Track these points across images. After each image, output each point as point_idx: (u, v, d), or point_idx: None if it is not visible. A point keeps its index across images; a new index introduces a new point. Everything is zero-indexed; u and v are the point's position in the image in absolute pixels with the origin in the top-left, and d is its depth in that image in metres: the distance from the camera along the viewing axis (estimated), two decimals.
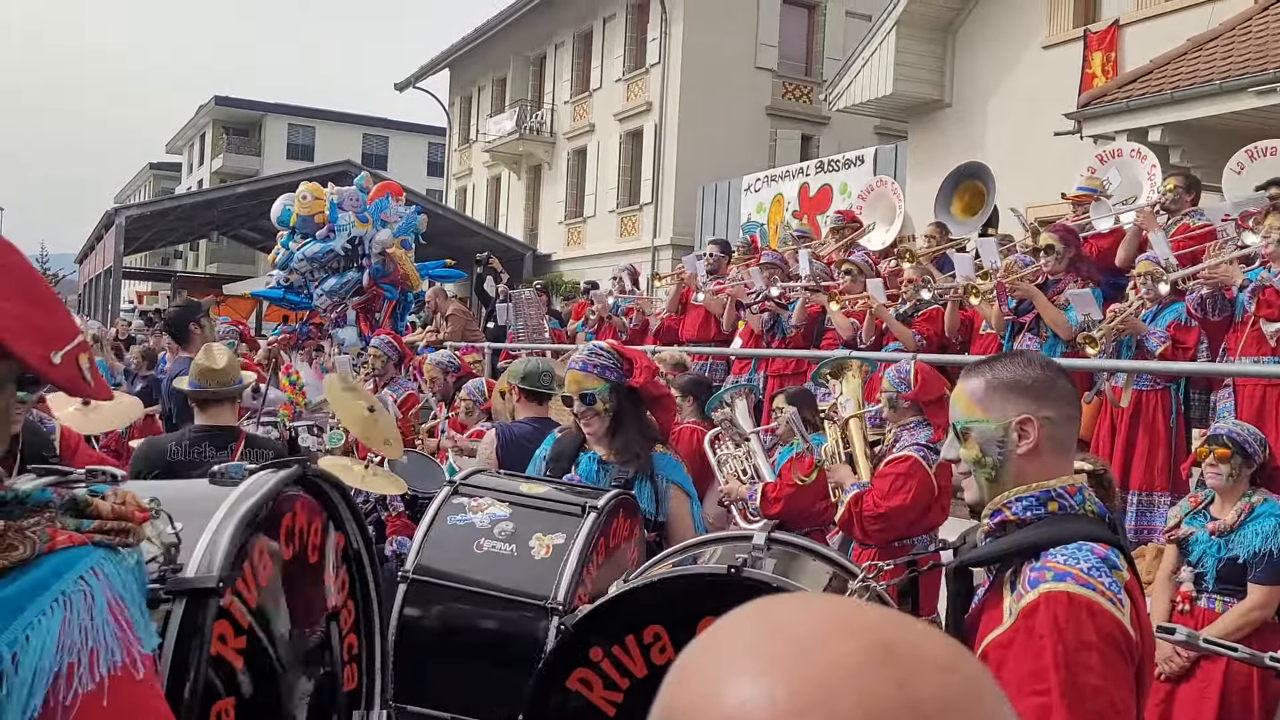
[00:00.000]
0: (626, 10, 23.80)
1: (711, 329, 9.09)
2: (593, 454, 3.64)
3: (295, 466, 2.23)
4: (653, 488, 3.54)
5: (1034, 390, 1.89)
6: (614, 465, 3.57)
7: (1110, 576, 1.72)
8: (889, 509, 4.36)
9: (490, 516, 3.10)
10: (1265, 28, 9.78)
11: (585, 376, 3.58)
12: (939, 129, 14.49)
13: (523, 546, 3.02)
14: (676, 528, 3.58)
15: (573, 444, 3.70)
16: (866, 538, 4.48)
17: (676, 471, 3.65)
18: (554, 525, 3.06)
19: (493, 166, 29.75)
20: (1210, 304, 5.35)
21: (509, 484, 3.33)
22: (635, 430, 3.60)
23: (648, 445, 3.60)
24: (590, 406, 3.55)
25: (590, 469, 3.60)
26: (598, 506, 3.08)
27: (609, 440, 3.60)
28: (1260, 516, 3.93)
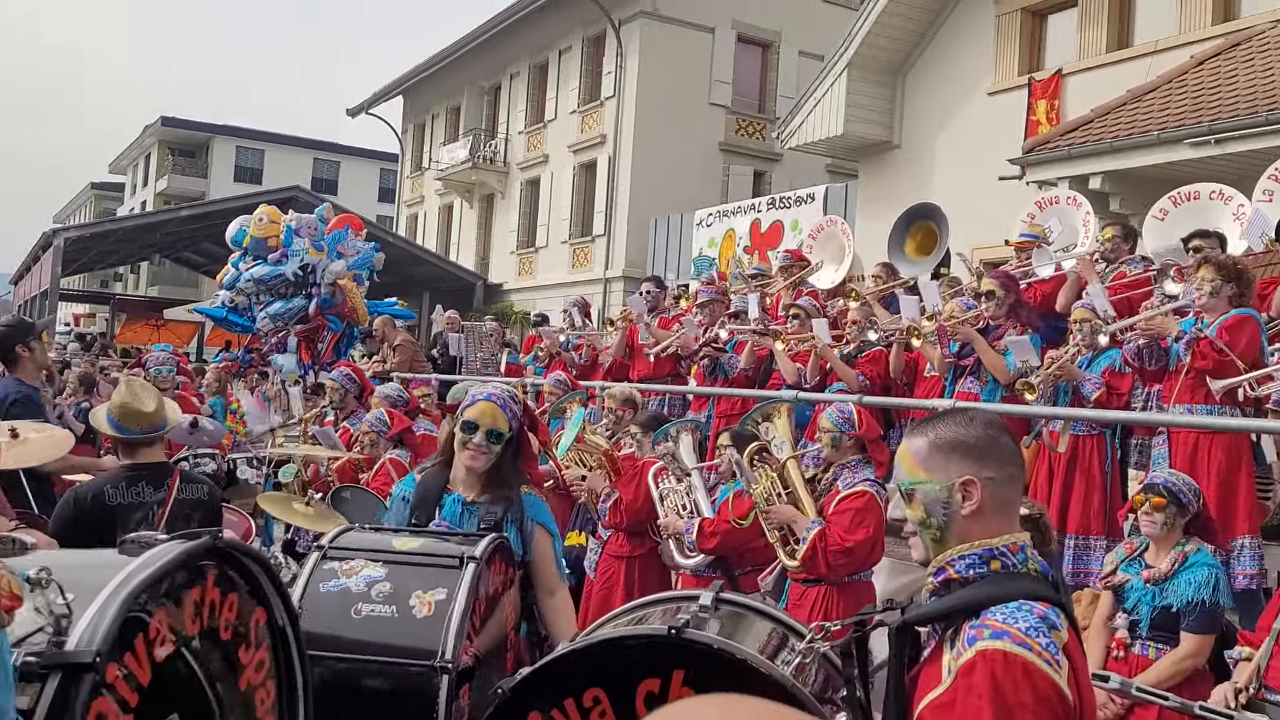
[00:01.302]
0: (582, 43, 23.95)
1: (665, 366, 9.09)
2: (457, 495, 3.54)
3: (206, 537, 2.15)
4: (519, 528, 3.50)
5: (976, 450, 1.91)
6: (480, 506, 3.50)
7: (1048, 637, 1.73)
8: (855, 543, 4.50)
9: (366, 579, 2.99)
10: (1200, 82, 10.10)
11: (502, 415, 3.52)
12: (888, 169, 14.73)
13: (403, 606, 2.92)
14: (541, 567, 3.56)
15: (436, 485, 3.58)
16: (831, 573, 4.56)
17: (541, 512, 3.61)
18: (433, 580, 2.97)
19: (445, 194, 29.66)
20: (1146, 354, 5.47)
21: (381, 541, 3.22)
22: (512, 472, 3.57)
23: (519, 487, 3.57)
24: (493, 445, 3.49)
25: (455, 511, 3.51)
26: (476, 556, 3.01)
27: (480, 479, 3.53)
28: (1193, 566, 4.01)
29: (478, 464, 3.49)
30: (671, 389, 8.62)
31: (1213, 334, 5.13)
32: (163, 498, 4.05)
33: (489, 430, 3.48)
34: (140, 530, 4.11)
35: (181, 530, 4.16)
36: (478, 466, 3.49)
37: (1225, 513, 4.98)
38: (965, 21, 13.73)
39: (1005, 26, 13.24)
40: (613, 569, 5.78)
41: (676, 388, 8.62)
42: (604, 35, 22.98)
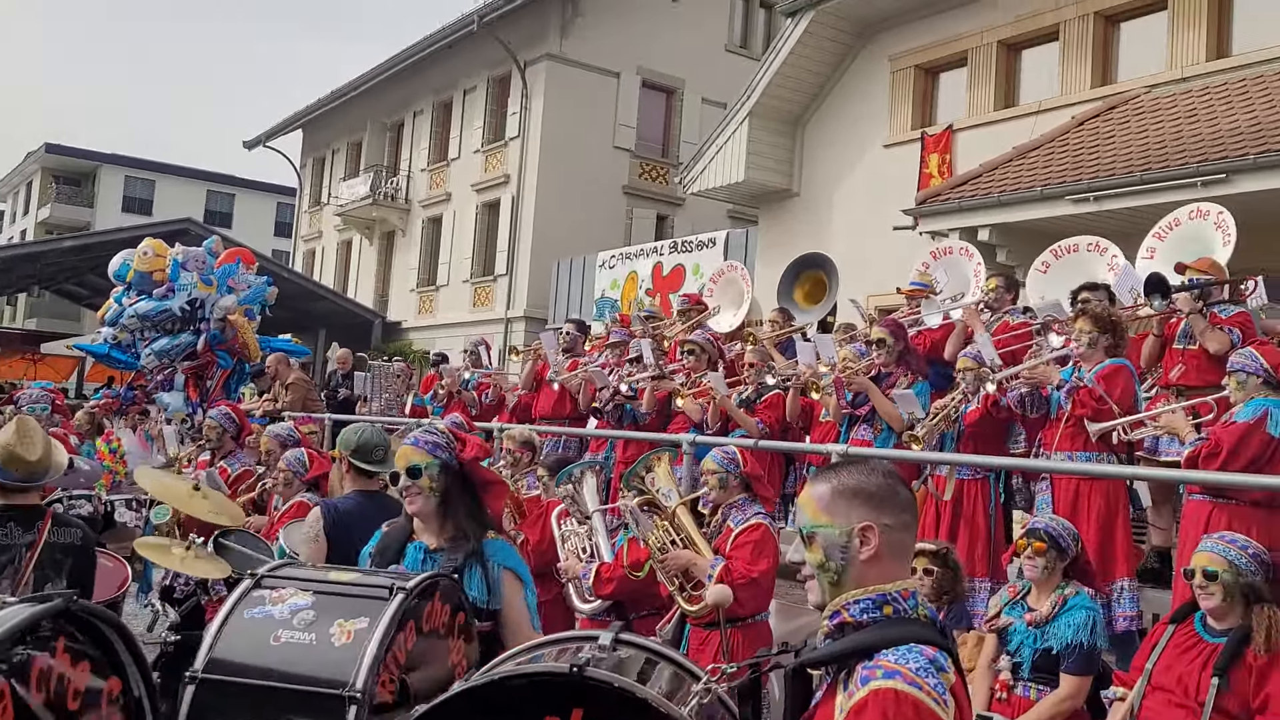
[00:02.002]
0: (488, 83, 23.98)
1: (566, 406, 9.05)
2: (420, 544, 3.48)
3: (58, 600, 2.03)
4: (484, 574, 3.40)
5: (876, 498, 1.98)
6: (443, 554, 3.42)
7: (937, 678, 1.79)
8: (760, 573, 4.56)
9: (291, 606, 2.93)
10: (1081, 141, 10.60)
11: (414, 451, 3.46)
12: (787, 217, 15.04)
13: (322, 634, 2.85)
14: (511, 616, 3.46)
15: (400, 535, 3.54)
16: (739, 606, 4.57)
17: (511, 557, 3.52)
18: (357, 610, 2.90)
19: (344, 230, 29.21)
20: (1029, 401, 5.67)
21: (317, 574, 3.16)
22: (465, 513, 3.48)
23: (479, 530, 3.47)
24: (415, 480, 3.41)
25: (417, 559, 3.44)
26: (405, 588, 2.94)
27: (437, 523, 3.46)
28: (1072, 609, 4.13)
29: (417, 505, 3.44)
30: (571, 431, 8.60)
31: (1090, 382, 5.34)
32: (32, 540, 3.85)
33: (407, 469, 3.43)
34: (4, 574, 3.90)
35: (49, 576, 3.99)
36: (419, 508, 3.44)
37: (1105, 556, 5.16)
38: (862, 76, 14.19)
39: (899, 82, 13.72)
40: None
41: (576, 430, 8.60)
42: (509, 76, 23.06)
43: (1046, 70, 12.28)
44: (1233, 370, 4.97)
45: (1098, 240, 7.75)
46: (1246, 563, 3.81)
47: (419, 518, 3.48)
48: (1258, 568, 3.82)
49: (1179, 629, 3.95)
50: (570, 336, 9.39)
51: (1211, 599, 3.81)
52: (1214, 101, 9.87)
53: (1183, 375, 5.83)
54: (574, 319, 10.76)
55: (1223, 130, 9.05)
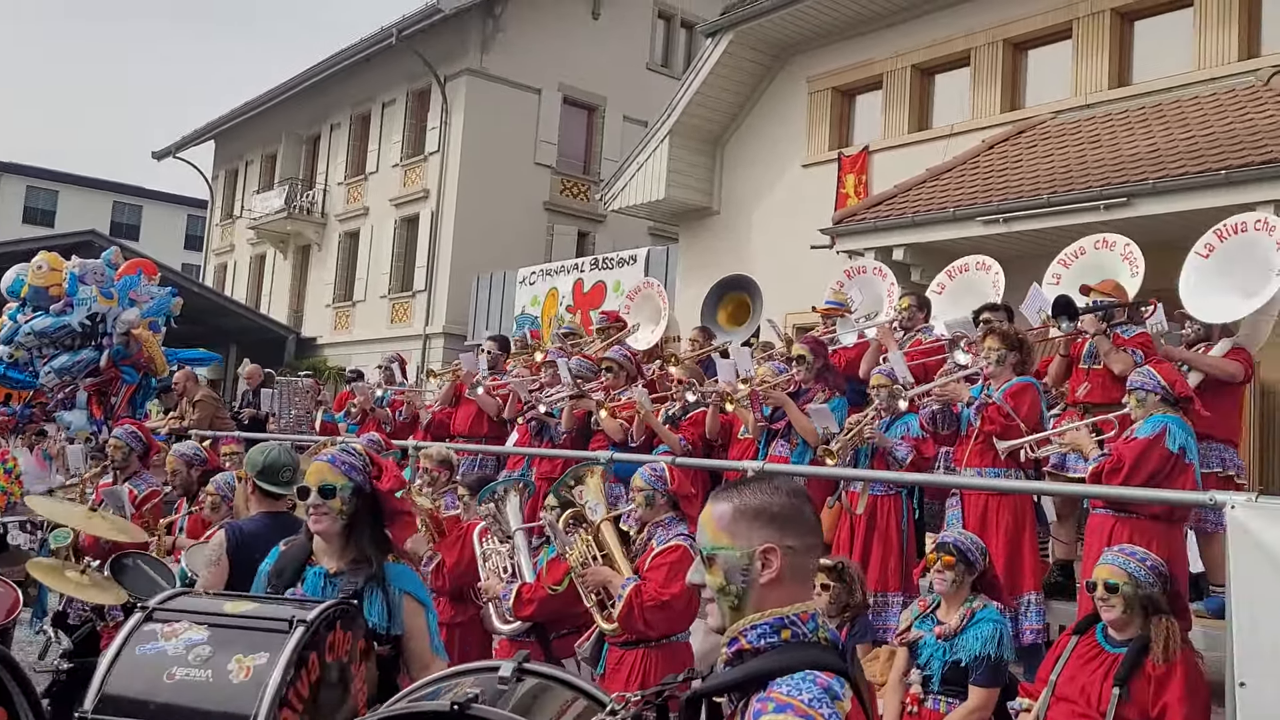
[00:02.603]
0: (407, 97, 23.74)
1: (484, 425, 8.96)
2: (320, 569, 3.38)
3: None
4: (385, 599, 3.32)
5: (780, 518, 1.92)
6: (343, 578, 3.33)
7: (831, 707, 1.75)
8: (671, 596, 4.46)
9: (185, 642, 2.81)
10: (991, 164, 10.89)
11: (331, 470, 3.38)
12: (708, 235, 15.15)
13: (220, 671, 2.74)
14: (413, 640, 3.39)
15: (298, 556, 3.43)
16: (649, 628, 4.51)
17: (411, 582, 3.45)
18: (256, 644, 2.80)
19: (257, 244, 28.58)
20: (940, 419, 5.77)
21: (211, 604, 3.04)
22: (370, 537, 3.40)
23: (381, 554, 3.40)
24: (327, 500, 3.32)
25: (316, 585, 3.35)
26: (306, 620, 2.84)
27: (339, 546, 3.38)
28: (980, 622, 4.20)
29: (322, 525, 3.34)
30: (489, 449, 8.51)
31: (999, 399, 5.46)
32: None
33: (320, 487, 3.34)
34: None
35: None
36: (324, 529, 3.34)
37: (1012, 570, 5.27)
38: (780, 97, 14.39)
39: (817, 104, 13.94)
40: None
41: (494, 448, 8.51)
42: (429, 90, 22.87)
43: (958, 95, 12.59)
44: (1132, 388, 5.12)
45: (984, 259, 7.99)
46: (1145, 575, 3.92)
47: (322, 538, 3.39)
48: (1156, 580, 3.93)
49: (1082, 640, 4.04)
50: (492, 355, 9.32)
51: (1112, 610, 3.90)
52: (1116, 128, 10.22)
53: (1089, 393, 6.01)
54: (495, 336, 10.68)
55: (1124, 155, 9.38)
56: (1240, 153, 8.27)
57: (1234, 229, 6.25)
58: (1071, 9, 11.34)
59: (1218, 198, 7.97)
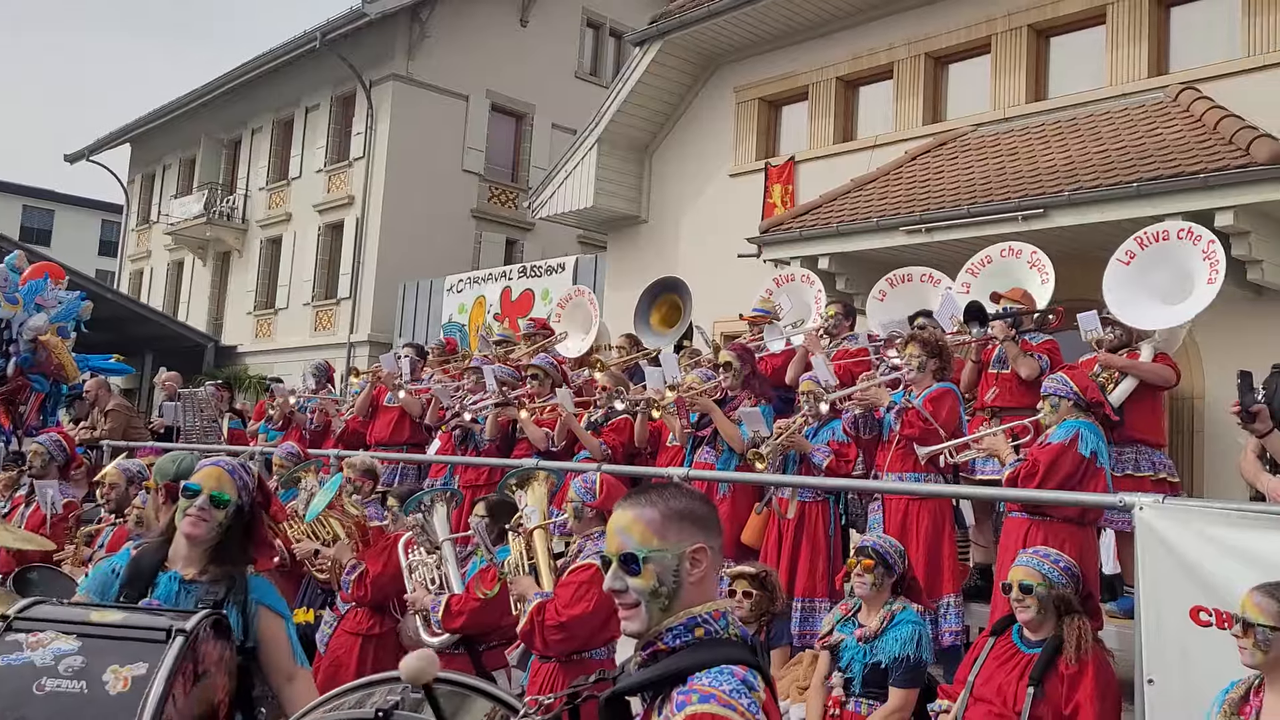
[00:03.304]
0: (331, 102, 23.39)
1: (405, 432, 8.83)
2: (174, 573, 3.27)
3: None
4: (242, 612, 3.25)
5: (703, 520, 2.02)
6: (200, 586, 3.24)
7: (749, 697, 1.82)
8: (570, 618, 4.29)
9: (54, 652, 2.69)
10: (914, 175, 11.08)
11: (228, 480, 3.30)
12: (636, 243, 15.17)
13: (95, 682, 2.64)
14: (272, 651, 3.31)
15: (151, 561, 3.30)
16: (547, 649, 4.37)
17: (268, 593, 3.37)
18: (133, 654, 2.70)
19: (175, 250, 27.88)
20: (862, 423, 5.84)
21: (77, 613, 2.91)
22: (239, 550, 3.33)
23: (244, 567, 3.34)
24: (214, 509, 3.24)
25: (170, 590, 3.23)
26: (185, 630, 2.77)
27: (202, 556, 3.28)
28: (900, 624, 4.25)
29: (198, 531, 3.23)
30: (410, 457, 8.39)
31: (919, 404, 5.54)
32: None
33: (212, 494, 3.25)
34: None
35: None
36: (198, 534, 3.23)
37: (931, 573, 5.34)
38: (708, 107, 14.48)
39: (744, 114, 14.06)
40: (346, 646, 5.45)
41: (416, 456, 8.40)
42: (354, 95, 22.57)
43: (882, 107, 12.80)
44: (1046, 394, 5.24)
45: (930, 272, 8.11)
46: (1059, 576, 4.00)
47: (190, 542, 3.27)
48: (1069, 580, 4.02)
49: (998, 641, 4.11)
50: (410, 361, 9.20)
51: (1027, 611, 3.97)
52: (1033, 140, 10.48)
53: (997, 398, 6.13)
54: (412, 344, 10.59)
55: (1040, 168, 9.61)
56: (1150, 166, 8.53)
57: (1155, 237, 6.42)
58: (990, 25, 11.61)
59: (1129, 210, 8.20)
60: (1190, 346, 9.01)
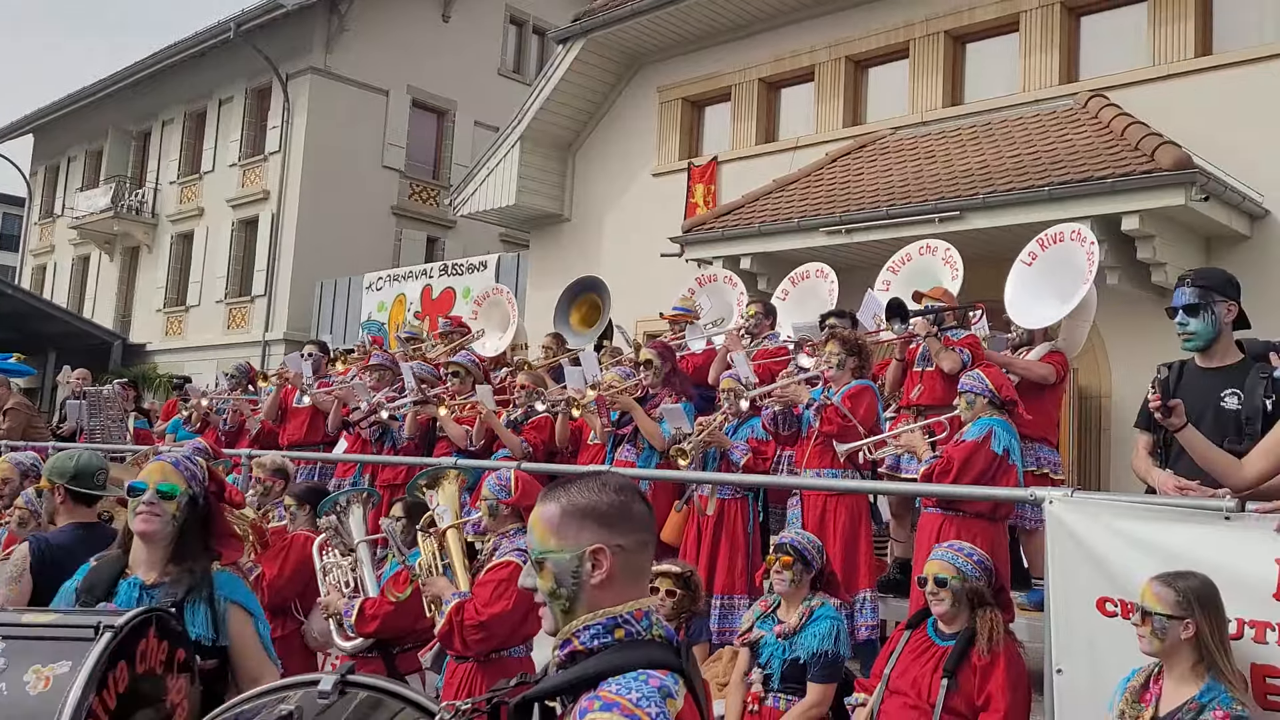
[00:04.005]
0: (246, 94, 22.82)
1: (319, 432, 8.64)
2: (135, 579, 3.14)
3: None
4: (210, 609, 3.11)
5: (608, 517, 1.87)
6: (161, 589, 3.10)
7: (660, 706, 1.71)
8: (490, 617, 4.23)
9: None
10: (834, 177, 11.21)
11: (174, 472, 3.16)
12: (559, 241, 15.09)
13: (15, 683, 2.51)
14: (244, 651, 3.18)
15: (111, 570, 3.17)
16: (467, 649, 4.30)
17: (239, 590, 3.25)
18: (56, 653, 2.58)
19: (81, 245, 26.94)
20: (781, 420, 5.87)
21: (8, 616, 2.81)
22: (198, 545, 3.18)
23: (206, 562, 3.19)
24: (164, 500, 3.10)
25: (131, 596, 3.10)
26: (115, 625, 2.64)
27: (162, 555, 3.14)
28: (818, 619, 4.27)
29: (151, 526, 3.08)
30: (325, 457, 8.21)
31: (837, 401, 5.59)
32: None
33: (159, 487, 3.11)
34: None
35: None
36: (151, 530, 3.09)
37: (849, 569, 5.39)
38: (631, 106, 14.47)
39: (667, 113, 14.09)
40: None
41: (331, 456, 8.22)
42: (270, 88, 22.05)
43: (803, 108, 12.94)
44: (962, 391, 5.32)
45: (822, 267, 8.24)
46: (972, 569, 4.06)
47: (145, 540, 3.13)
48: (982, 573, 4.07)
49: (914, 634, 4.15)
50: (315, 358, 9.00)
51: (942, 604, 4.02)
52: (949, 144, 10.68)
53: (922, 395, 6.22)
54: (316, 340, 10.41)
55: (956, 171, 9.80)
56: (1061, 171, 8.76)
57: (1054, 238, 6.60)
58: (909, 30, 11.81)
59: (1041, 213, 8.40)
60: (1098, 348, 9.28)
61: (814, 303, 7.66)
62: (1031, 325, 6.28)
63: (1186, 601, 3.17)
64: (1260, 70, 9.15)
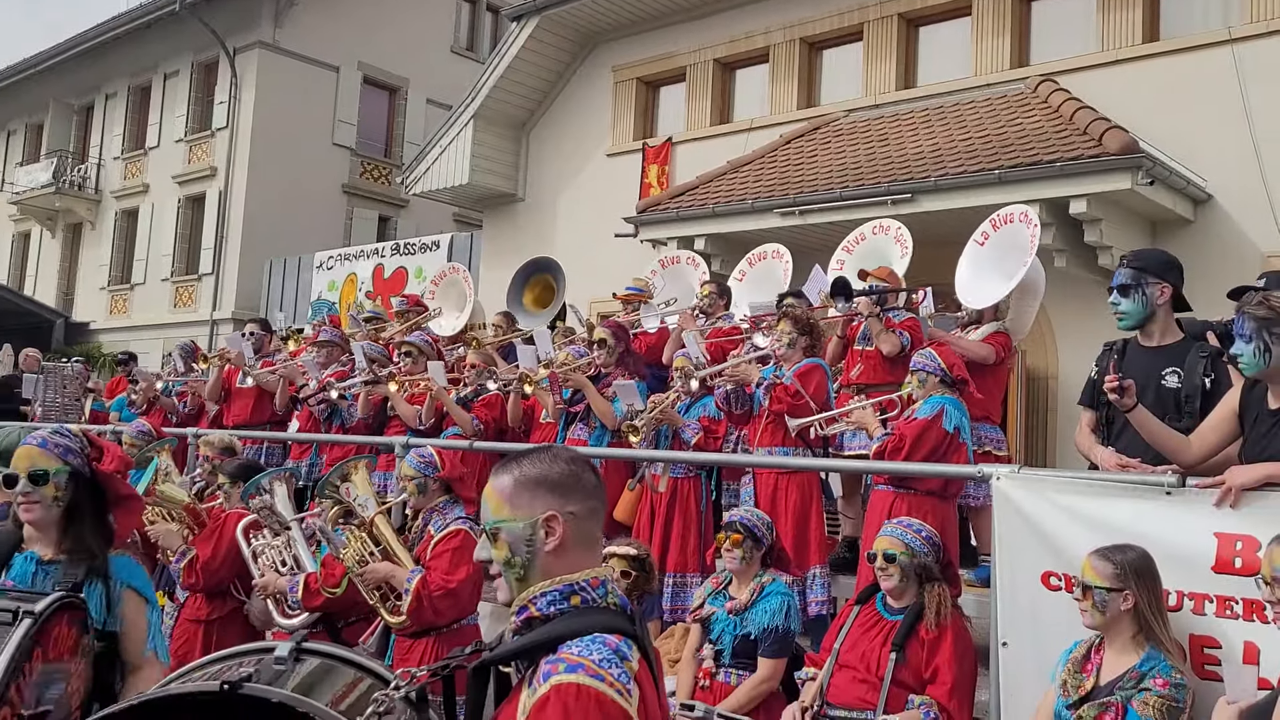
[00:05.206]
0: (192, 68, 22.34)
1: (265, 411, 8.52)
2: (31, 553, 3.09)
3: None
4: (105, 591, 3.07)
5: (560, 486, 1.94)
6: (59, 566, 3.05)
7: (620, 667, 1.77)
8: (458, 583, 4.38)
9: None
10: (788, 159, 11.23)
11: (41, 454, 3.08)
12: (512, 221, 14.99)
13: None
14: (131, 634, 3.14)
15: (7, 542, 3.12)
16: (440, 616, 4.41)
17: (136, 575, 3.20)
18: None
19: (21, 220, 26.27)
20: (734, 399, 5.89)
21: None
22: (92, 525, 3.13)
23: (104, 544, 3.14)
24: (38, 487, 3.03)
25: (27, 570, 3.05)
26: (34, 611, 2.60)
27: (56, 535, 3.10)
28: (769, 595, 4.30)
29: (33, 515, 3.04)
30: (276, 435, 8.11)
31: (788, 380, 5.62)
32: None
33: (29, 473, 3.03)
34: None
35: None
36: (33, 518, 3.04)
37: (799, 545, 5.43)
38: (586, 85, 14.38)
39: (622, 93, 14.02)
40: (190, 633, 5.25)
41: (281, 434, 8.12)
42: (217, 63, 21.60)
43: (758, 90, 12.94)
44: (914, 369, 5.37)
45: (778, 248, 8.28)
46: (920, 545, 4.11)
47: (34, 528, 3.09)
48: (930, 549, 4.13)
49: (863, 610, 4.20)
50: (256, 337, 8.86)
51: (890, 579, 4.07)
52: (902, 127, 10.75)
53: (861, 374, 6.27)
54: (258, 319, 10.26)
55: (909, 154, 9.87)
56: (1011, 154, 8.85)
57: (1005, 219, 6.68)
58: (863, 12, 11.85)
59: (991, 196, 8.48)
60: (1045, 329, 9.42)
61: (770, 284, 7.69)
62: (977, 305, 6.35)
63: (1124, 574, 3.24)
64: (1204, 56, 9.31)
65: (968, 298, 6.44)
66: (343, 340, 8.58)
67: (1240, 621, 3.28)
